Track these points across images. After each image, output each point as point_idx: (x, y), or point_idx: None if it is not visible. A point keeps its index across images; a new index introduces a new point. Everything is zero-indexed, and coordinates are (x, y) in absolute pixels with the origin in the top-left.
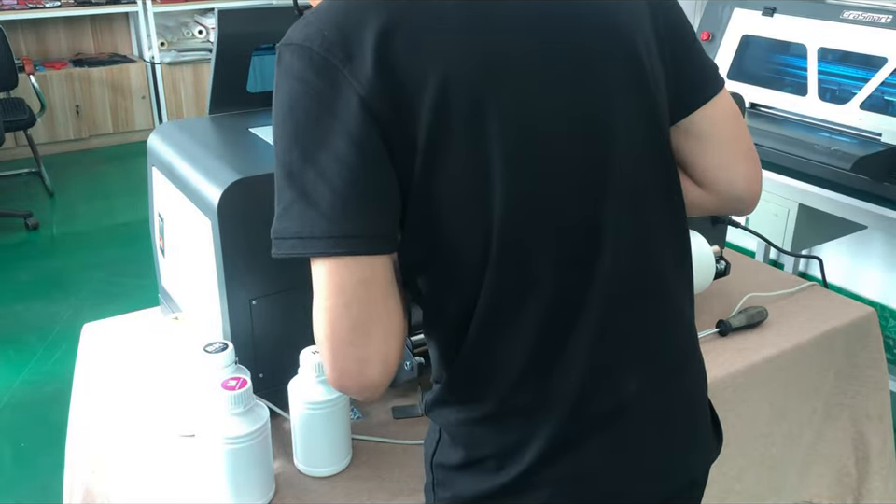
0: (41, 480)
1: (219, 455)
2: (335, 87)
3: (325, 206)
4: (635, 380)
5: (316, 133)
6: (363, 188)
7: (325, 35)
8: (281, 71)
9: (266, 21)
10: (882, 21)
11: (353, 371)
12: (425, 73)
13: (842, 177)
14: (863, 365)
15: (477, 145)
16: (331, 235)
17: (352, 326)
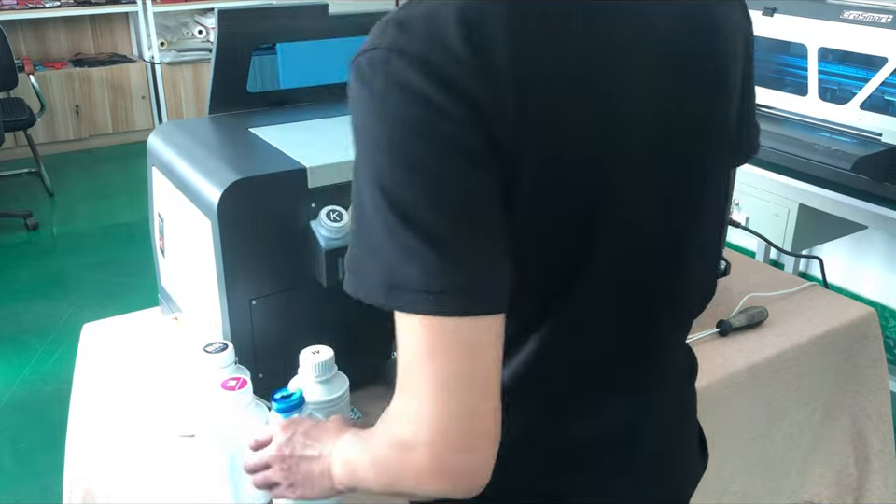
0: (41, 480)
1: (219, 455)
2: (463, 109)
3: (461, 256)
4: (664, 403)
5: (437, 165)
6: (495, 234)
7: (452, 48)
8: (392, 86)
9: (266, 20)
10: (882, 21)
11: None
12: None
13: (842, 177)
14: (863, 365)
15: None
16: (471, 291)
17: (480, 394)
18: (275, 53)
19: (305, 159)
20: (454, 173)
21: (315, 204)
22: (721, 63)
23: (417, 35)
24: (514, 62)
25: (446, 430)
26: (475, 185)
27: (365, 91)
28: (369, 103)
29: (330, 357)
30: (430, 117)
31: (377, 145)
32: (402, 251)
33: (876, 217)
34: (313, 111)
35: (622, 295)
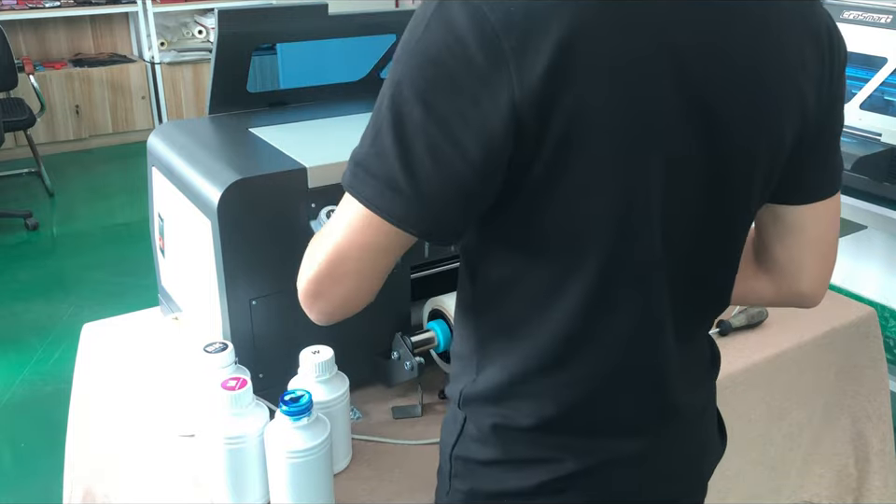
0: (41, 480)
1: (219, 455)
2: (494, 73)
3: (420, 184)
4: (684, 391)
5: (449, 106)
6: (465, 190)
7: (510, 10)
8: (440, 14)
9: (266, 21)
10: (882, 21)
11: (329, 303)
12: (590, 105)
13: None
14: (863, 365)
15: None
16: (403, 209)
17: (356, 270)
18: (275, 53)
19: (305, 159)
20: (453, 115)
21: (314, 204)
22: (772, 69)
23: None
24: (562, 44)
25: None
26: (468, 133)
27: (421, 17)
28: (421, 22)
29: (330, 357)
30: (463, 62)
31: (409, 57)
32: (379, 152)
33: (876, 217)
34: (313, 111)
35: (646, 280)
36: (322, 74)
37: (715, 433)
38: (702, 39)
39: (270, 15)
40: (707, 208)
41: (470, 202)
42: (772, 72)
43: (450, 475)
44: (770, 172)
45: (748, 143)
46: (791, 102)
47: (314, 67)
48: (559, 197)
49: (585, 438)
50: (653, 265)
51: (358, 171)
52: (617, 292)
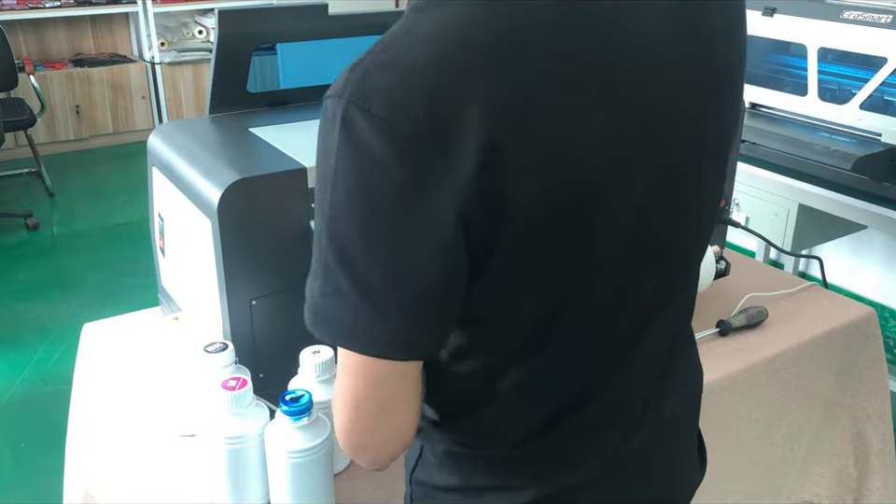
0: (41, 480)
1: (219, 454)
2: (425, 185)
3: (387, 309)
4: (654, 416)
5: (390, 228)
6: (434, 300)
7: (416, 113)
8: (349, 139)
9: (266, 21)
10: (882, 21)
11: (371, 449)
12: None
13: (842, 177)
14: (863, 365)
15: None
16: (387, 341)
17: (380, 411)
18: (275, 53)
19: (305, 159)
20: (402, 238)
21: (314, 204)
22: (721, 62)
23: (382, 90)
24: (484, 116)
25: (347, 430)
26: (424, 251)
27: (328, 135)
28: (330, 148)
29: (330, 356)
30: (385, 181)
31: (333, 190)
32: (333, 290)
33: (876, 217)
34: (313, 111)
35: (611, 312)
36: (322, 74)
37: (694, 457)
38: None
39: (270, 15)
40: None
41: (446, 312)
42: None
43: (411, 498)
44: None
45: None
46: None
47: (314, 67)
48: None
49: (546, 464)
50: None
51: (322, 316)
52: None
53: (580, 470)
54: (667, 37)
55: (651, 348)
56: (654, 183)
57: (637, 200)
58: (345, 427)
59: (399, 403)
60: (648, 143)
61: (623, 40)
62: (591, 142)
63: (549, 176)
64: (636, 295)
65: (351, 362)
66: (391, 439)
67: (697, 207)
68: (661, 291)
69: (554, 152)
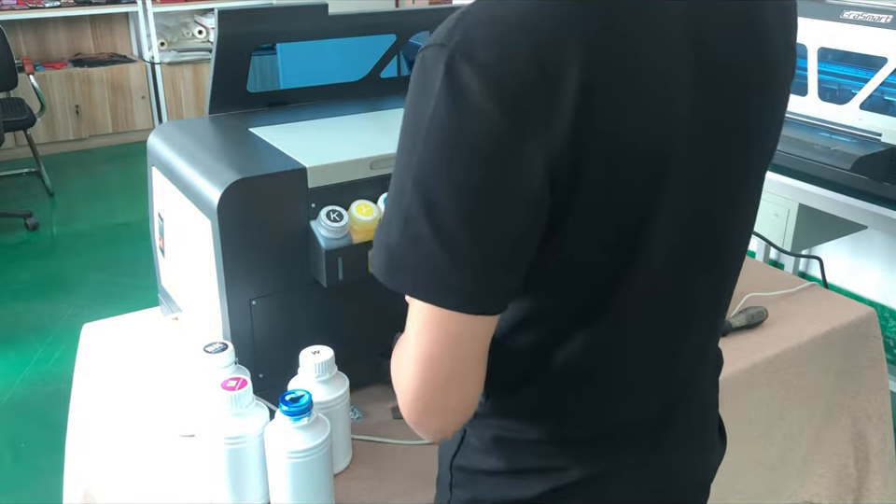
0: (41, 480)
1: (219, 454)
2: (521, 135)
3: (468, 259)
4: (691, 396)
5: (480, 177)
6: (513, 252)
7: (521, 64)
8: (451, 87)
9: (266, 21)
10: (882, 21)
11: (438, 416)
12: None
13: (842, 177)
14: (863, 365)
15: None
16: (465, 292)
17: (450, 374)
18: (275, 53)
19: (305, 159)
20: (486, 190)
21: (314, 204)
22: (775, 62)
23: (487, 41)
24: (583, 73)
25: (418, 396)
26: (511, 200)
27: (425, 84)
28: (429, 96)
29: (330, 357)
30: (485, 129)
31: (426, 137)
32: (413, 236)
33: (876, 217)
34: (313, 111)
35: (667, 293)
36: (322, 74)
37: (716, 436)
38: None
39: (270, 15)
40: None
41: (520, 262)
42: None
43: (451, 485)
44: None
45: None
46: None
47: (314, 67)
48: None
49: (594, 444)
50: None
51: (399, 266)
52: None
53: (625, 450)
54: (732, 34)
55: (700, 326)
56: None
57: (699, 167)
58: (414, 390)
59: (470, 367)
60: (709, 130)
61: (710, 11)
62: (672, 101)
63: (633, 131)
64: (690, 267)
65: (425, 319)
66: (458, 407)
67: (745, 190)
68: (711, 270)
69: (641, 105)
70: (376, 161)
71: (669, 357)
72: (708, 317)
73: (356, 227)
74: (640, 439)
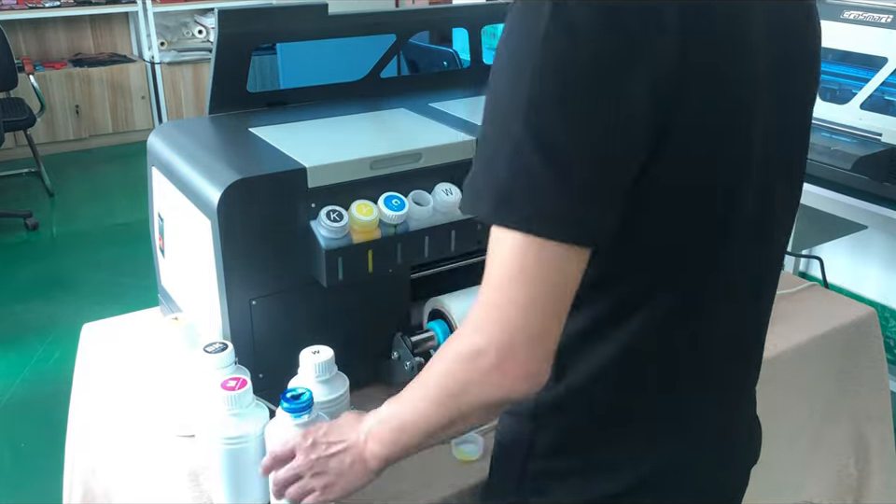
0: (41, 480)
1: (219, 455)
2: (633, 59)
3: (584, 188)
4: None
5: (595, 102)
6: (620, 181)
7: (622, 12)
8: (559, 22)
9: (266, 20)
10: (882, 21)
11: (521, 360)
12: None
13: (842, 177)
14: (863, 365)
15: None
16: (584, 221)
17: (552, 315)
18: (275, 53)
19: (305, 159)
20: (601, 115)
21: (314, 204)
22: (815, 61)
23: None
24: (682, 18)
25: (517, 342)
26: (619, 130)
27: (526, 26)
28: (531, 32)
29: (330, 357)
30: (595, 60)
31: (530, 72)
32: (522, 168)
33: (876, 217)
34: (313, 111)
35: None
36: (322, 74)
37: (754, 420)
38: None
39: (270, 15)
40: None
41: (625, 192)
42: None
43: (519, 492)
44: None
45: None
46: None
47: (314, 67)
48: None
49: (674, 429)
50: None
51: (509, 198)
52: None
53: (692, 441)
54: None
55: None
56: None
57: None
58: (517, 336)
59: (565, 310)
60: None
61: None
62: (754, 60)
63: (725, 70)
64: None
65: (527, 259)
66: (553, 348)
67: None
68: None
69: (734, 49)
70: (376, 161)
71: (749, 334)
72: (759, 301)
73: (356, 227)
74: (713, 417)
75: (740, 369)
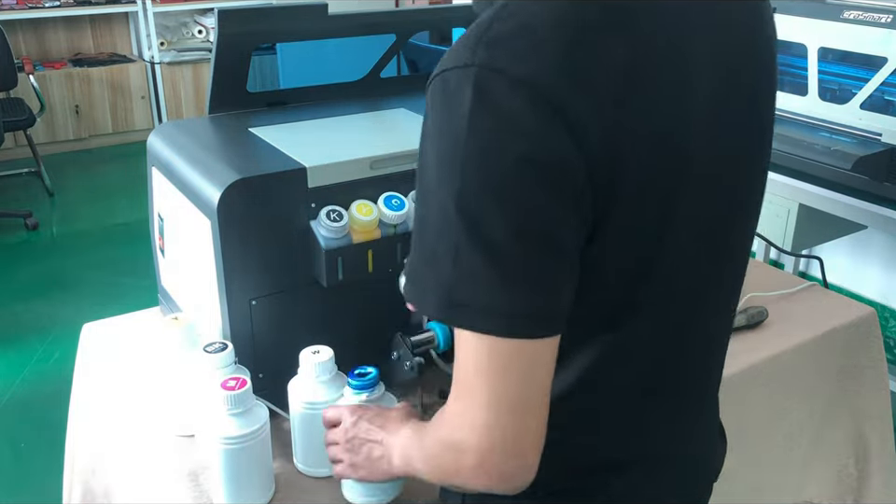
0: (41, 480)
1: (219, 455)
2: (563, 141)
3: (530, 280)
4: (710, 403)
5: (530, 191)
6: (568, 265)
7: (555, 75)
8: (483, 105)
9: (266, 21)
10: (882, 21)
11: (525, 454)
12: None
13: (842, 177)
14: (863, 365)
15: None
16: (535, 314)
17: (525, 408)
18: (275, 53)
19: (305, 159)
20: (540, 198)
21: (314, 204)
22: (770, 63)
23: (516, 54)
24: (611, 75)
25: (496, 441)
26: (557, 213)
27: (452, 107)
28: (457, 119)
29: (330, 356)
30: (526, 142)
31: (460, 162)
32: (467, 269)
33: (876, 216)
34: (313, 111)
35: (685, 300)
36: (322, 74)
37: (717, 436)
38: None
39: (270, 15)
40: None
41: (575, 271)
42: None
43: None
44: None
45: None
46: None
47: (314, 67)
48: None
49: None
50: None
51: (459, 303)
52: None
53: (650, 449)
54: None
55: (714, 324)
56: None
57: (712, 177)
58: (493, 438)
59: (544, 396)
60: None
61: (722, 11)
62: (695, 100)
63: (662, 128)
64: (707, 265)
65: (491, 356)
66: (536, 443)
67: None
68: (724, 268)
69: (669, 103)
70: (376, 160)
71: (688, 357)
72: (720, 315)
73: (356, 227)
74: (662, 436)
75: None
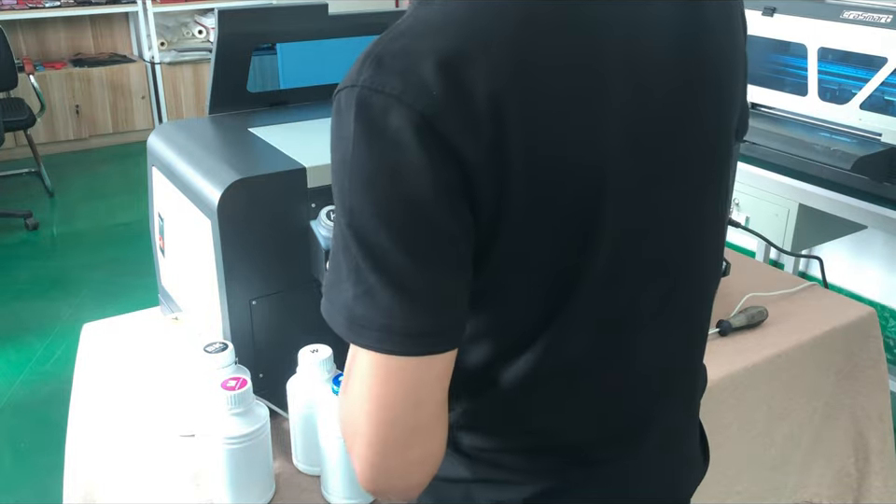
0: (41, 480)
1: (219, 455)
2: (442, 162)
3: (421, 298)
4: (671, 409)
5: (410, 211)
6: (461, 280)
7: (431, 92)
8: (363, 124)
9: (266, 21)
10: (882, 21)
11: (402, 475)
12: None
13: (842, 177)
14: (863, 365)
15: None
16: (429, 333)
17: (415, 427)
18: (275, 53)
19: (305, 159)
20: (424, 218)
21: (314, 204)
22: (720, 62)
23: (396, 73)
24: (495, 97)
25: (373, 456)
26: (445, 228)
27: (342, 127)
28: (345, 139)
29: (329, 355)
30: (405, 160)
31: (350, 182)
32: (364, 290)
33: (876, 217)
34: (313, 111)
35: (614, 309)
36: (322, 74)
37: (697, 454)
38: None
39: (270, 15)
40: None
41: (467, 288)
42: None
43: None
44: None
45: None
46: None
47: (314, 67)
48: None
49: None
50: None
51: (358, 321)
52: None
53: (585, 467)
54: (668, 38)
55: (659, 342)
56: (650, 180)
57: (633, 192)
58: (368, 456)
59: (438, 412)
60: (647, 139)
61: (628, 42)
62: (600, 111)
63: (555, 144)
64: (636, 281)
65: (378, 370)
66: (425, 460)
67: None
68: (661, 292)
69: (562, 116)
70: None
71: (622, 373)
72: (671, 333)
73: None
74: (602, 455)
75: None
